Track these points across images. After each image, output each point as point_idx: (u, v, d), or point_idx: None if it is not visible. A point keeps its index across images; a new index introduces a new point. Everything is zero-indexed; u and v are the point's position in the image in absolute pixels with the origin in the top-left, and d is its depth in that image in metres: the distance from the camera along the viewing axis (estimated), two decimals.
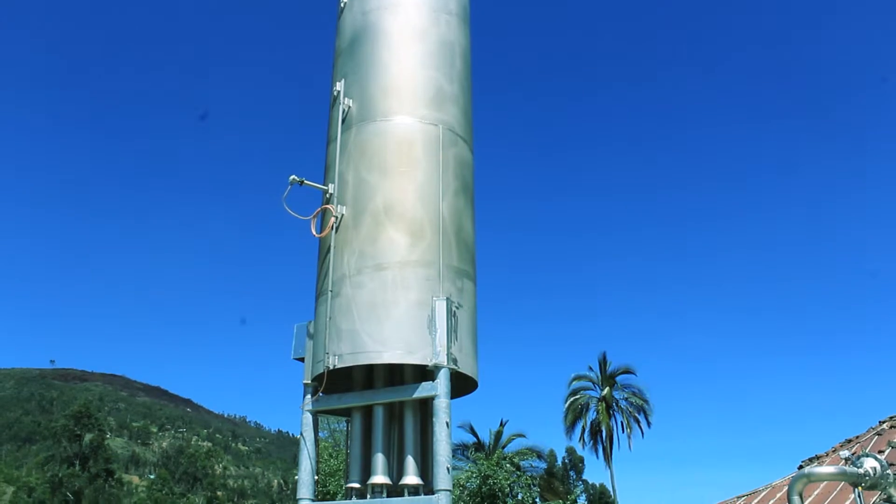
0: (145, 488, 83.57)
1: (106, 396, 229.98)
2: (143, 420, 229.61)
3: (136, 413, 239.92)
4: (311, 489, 7.25)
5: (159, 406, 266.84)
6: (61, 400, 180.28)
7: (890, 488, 12.86)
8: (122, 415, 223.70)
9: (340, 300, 7.18)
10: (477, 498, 30.45)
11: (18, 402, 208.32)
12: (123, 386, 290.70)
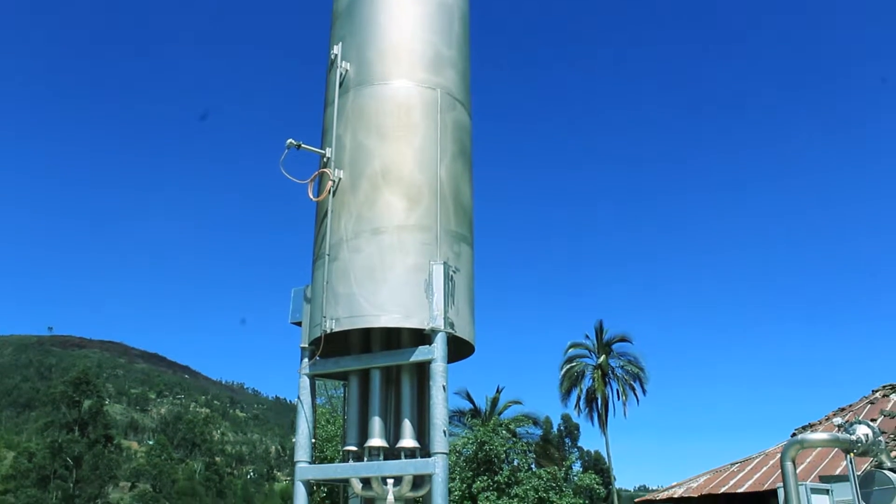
0: (144, 454, 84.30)
1: (104, 363, 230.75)
2: (141, 387, 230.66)
3: (135, 380, 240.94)
4: (308, 452, 7.30)
5: (157, 373, 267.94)
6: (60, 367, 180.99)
7: (881, 455, 12.99)
8: (120, 381, 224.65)
9: (338, 264, 7.17)
10: (473, 464, 30.69)
11: (17, 369, 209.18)
12: (121, 353, 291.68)
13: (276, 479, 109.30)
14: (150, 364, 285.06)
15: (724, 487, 28.80)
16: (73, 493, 58.93)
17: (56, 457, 58.78)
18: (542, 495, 29.27)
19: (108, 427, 67.07)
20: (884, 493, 12.21)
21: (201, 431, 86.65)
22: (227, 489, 70.09)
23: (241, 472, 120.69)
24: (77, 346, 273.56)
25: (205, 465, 73.93)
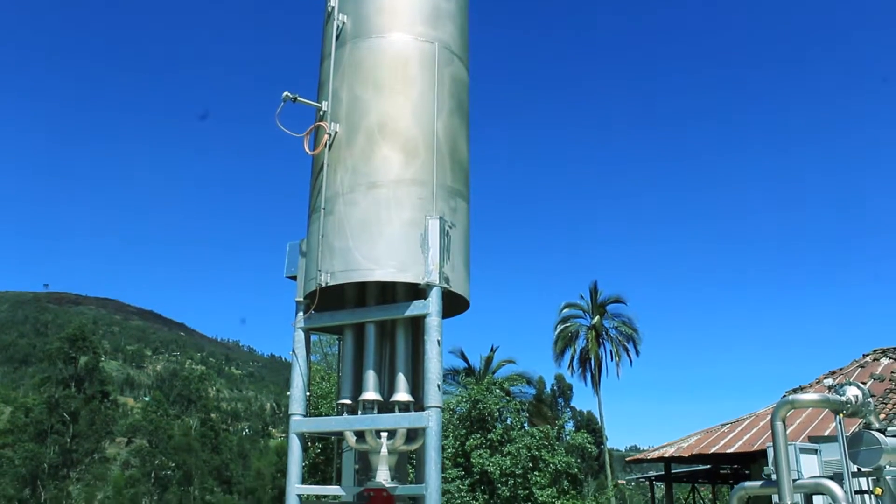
0: (140, 410, 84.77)
1: (100, 320, 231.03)
2: (137, 344, 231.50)
3: (130, 337, 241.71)
4: (303, 405, 7.33)
5: (153, 330, 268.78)
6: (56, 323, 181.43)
7: (870, 416, 13.11)
8: (116, 338, 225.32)
9: (333, 218, 7.14)
10: (466, 422, 30.96)
11: (13, 325, 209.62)
12: (117, 310, 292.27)
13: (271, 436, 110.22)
14: (146, 321, 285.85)
15: (715, 447, 29.13)
16: (70, 448, 59.42)
17: (53, 412, 59.13)
18: (535, 453, 29.58)
19: (105, 383, 67.37)
20: (871, 453, 12.33)
21: (197, 388, 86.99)
22: (223, 445, 70.63)
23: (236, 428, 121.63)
24: (73, 303, 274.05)
25: (200, 421, 74.41)
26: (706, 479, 40.62)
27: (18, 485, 56.02)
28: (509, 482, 28.87)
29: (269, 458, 68.63)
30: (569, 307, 55.12)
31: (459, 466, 30.00)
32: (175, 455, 64.00)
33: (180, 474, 62.75)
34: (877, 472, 12.24)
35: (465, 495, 29.09)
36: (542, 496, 29.10)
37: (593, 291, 54.97)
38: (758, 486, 13.62)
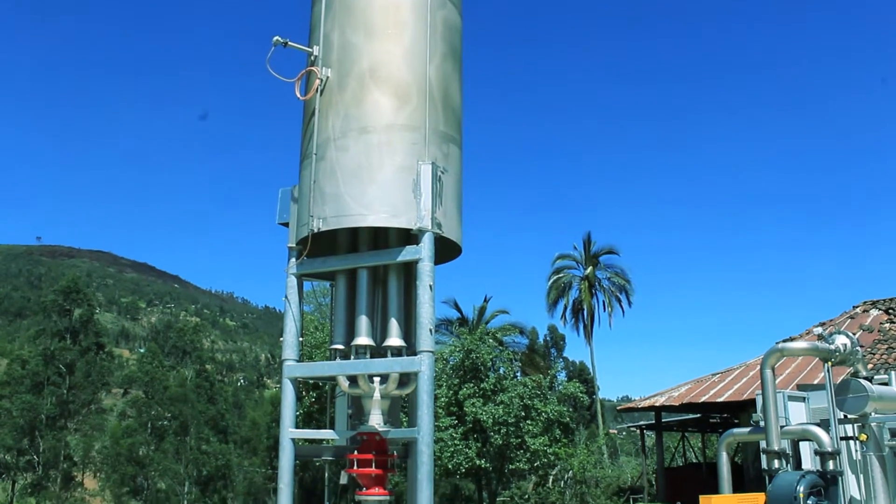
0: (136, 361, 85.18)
1: (94, 272, 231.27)
2: (131, 296, 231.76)
3: (125, 289, 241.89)
4: (296, 351, 7.38)
5: (147, 282, 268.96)
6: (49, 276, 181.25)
7: (858, 364, 13.28)
8: (110, 290, 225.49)
9: (325, 164, 7.11)
10: (459, 371, 31.21)
11: (7, 278, 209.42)
12: (111, 262, 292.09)
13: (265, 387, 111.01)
14: (140, 273, 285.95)
15: (705, 397, 29.50)
16: (67, 399, 59.79)
17: (49, 364, 59.33)
18: (527, 403, 29.89)
19: (100, 335, 67.50)
20: (857, 400, 12.51)
21: (191, 339, 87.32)
22: (218, 395, 71.01)
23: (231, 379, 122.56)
24: (66, 256, 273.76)
25: (195, 372, 74.80)
26: (696, 428, 41.21)
27: (17, 435, 56.47)
28: (502, 431, 29.22)
29: (264, 408, 69.17)
30: (562, 258, 55.30)
31: (452, 415, 30.32)
32: (171, 405, 64.42)
33: (176, 424, 63.20)
34: (862, 418, 12.44)
35: (458, 443, 29.45)
36: (534, 444, 29.49)
37: (587, 242, 55.12)
38: (746, 433, 13.86)
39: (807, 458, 13.03)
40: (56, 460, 56.82)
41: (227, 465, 62.13)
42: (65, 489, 56.67)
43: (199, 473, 61.51)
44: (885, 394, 12.88)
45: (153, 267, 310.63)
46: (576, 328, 54.93)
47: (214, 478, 61.71)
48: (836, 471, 11.61)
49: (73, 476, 60.21)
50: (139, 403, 66.04)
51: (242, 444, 67.61)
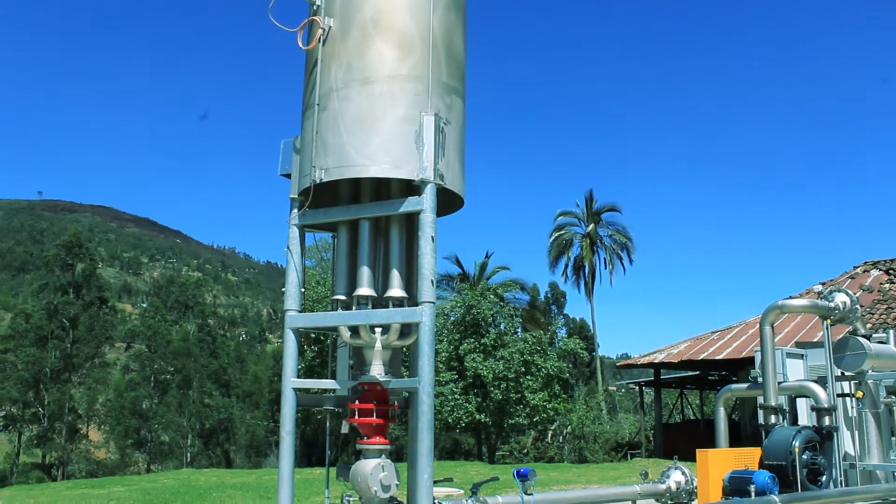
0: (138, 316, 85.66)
1: (95, 227, 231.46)
2: (133, 251, 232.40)
3: (127, 244, 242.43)
4: (297, 301, 7.42)
5: (149, 237, 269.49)
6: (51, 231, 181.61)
7: (856, 322, 13.35)
8: (112, 245, 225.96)
9: (327, 114, 7.08)
10: (460, 327, 31.43)
11: (9, 233, 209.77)
12: (113, 217, 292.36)
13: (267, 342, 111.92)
14: (142, 228, 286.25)
15: (704, 354, 29.72)
16: (70, 353, 60.31)
17: (52, 318, 59.74)
18: (527, 358, 30.14)
19: (102, 290, 67.92)
20: (855, 357, 12.61)
21: (194, 294, 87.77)
22: (221, 350, 71.61)
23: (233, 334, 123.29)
24: (68, 211, 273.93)
25: (198, 326, 75.29)
26: (694, 386, 41.56)
27: (22, 388, 57.11)
28: (502, 386, 29.51)
29: (266, 362, 69.80)
30: (564, 215, 55.33)
31: (453, 370, 30.60)
32: (174, 360, 65.04)
33: (179, 378, 63.90)
34: (859, 376, 12.55)
35: (458, 398, 29.77)
36: (533, 399, 29.79)
37: (589, 199, 55.07)
38: (744, 389, 13.98)
39: (803, 415, 13.18)
40: (61, 413, 57.55)
41: (230, 419, 62.98)
42: (70, 441, 57.49)
43: (202, 426, 62.38)
44: (882, 352, 12.98)
45: (155, 222, 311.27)
46: (577, 285, 55.18)
47: (217, 431, 62.59)
48: (831, 427, 11.74)
49: (78, 428, 61.07)
50: (142, 357, 66.70)
51: (244, 398, 68.44)
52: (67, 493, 14.93)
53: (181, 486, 16.05)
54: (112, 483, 18.24)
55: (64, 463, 55.70)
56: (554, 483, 16.35)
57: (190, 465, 53.78)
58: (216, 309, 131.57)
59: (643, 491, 11.07)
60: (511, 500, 8.82)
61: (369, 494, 6.89)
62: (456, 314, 32.07)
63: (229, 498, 13.66)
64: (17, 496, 15.13)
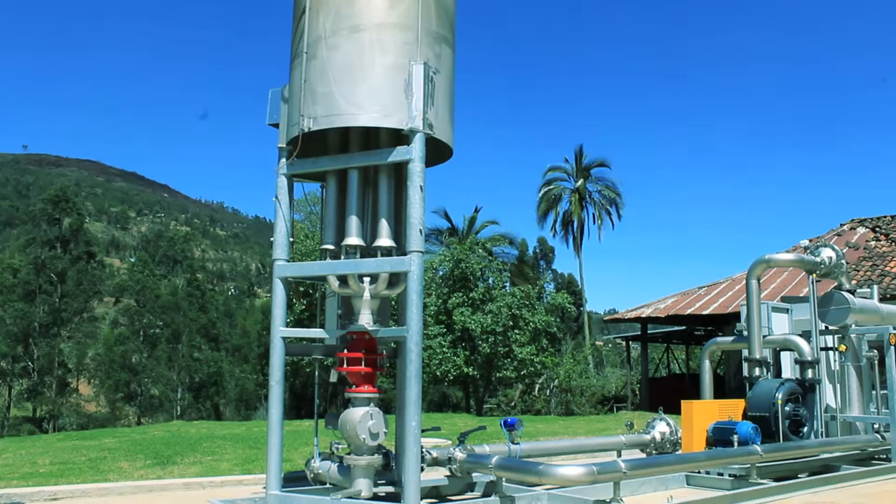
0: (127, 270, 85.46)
1: (82, 182, 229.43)
2: (120, 205, 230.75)
3: (114, 198, 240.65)
4: (286, 250, 7.42)
5: (136, 191, 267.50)
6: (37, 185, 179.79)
7: (841, 277, 13.47)
8: (99, 200, 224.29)
9: (315, 63, 7.02)
10: (449, 281, 31.47)
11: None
12: (99, 171, 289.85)
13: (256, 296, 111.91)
14: (129, 183, 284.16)
15: (691, 309, 29.94)
16: (59, 308, 60.17)
17: (40, 273, 59.46)
18: (515, 312, 30.25)
19: (90, 244, 67.51)
20: (839, 312, 12.75)
21: (182, 249, 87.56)
22: (210, 304, 71.65)
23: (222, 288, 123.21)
24: (53, 165, 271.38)
25: (186, 281, 75.22)
26: (681, 341, 41.95)
27: (11, 342, 57.04)
28: (490, 339, 29.67)
29: (255, 316, 69.91)
30: (553, 170, 55.15)
31: (441, 324, 30.72)
32: (163, 314, 65.04)
33: (168, 332, 63.98)
34: (843, 330, 12.70)
35: (446, 351, 29.94)
36: (521, 353, 29.99)
37: (578, 155, 54.89)
38: (729, 342, 14.12)
39: (787, 368, 13.36)
40: (51, 367, 57.58)
41: (219, 372, 63.20)
42: (60, 395, 57.62)
43: (192, 380, 62.65)
44: (866, 306, 13.13)
45: (142, 176, 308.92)
46: (565, 240, 55.23)
47: (206, 384, 62.87)
48: (814, 379, 11.92)
49: (68, 382, 61.20)
50: (131, 312, 66.59)
51: (234, 352, 68.65)
52: (59, 445, 15.03)
53: (171, 437, 16.18)
54: (103, 435, 18.37)
55: (55, 416, 55.91)
56: (541, 434, 16.56)
57: (180, 417, 54.11)
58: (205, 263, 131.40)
59: (628, 441, 11.26)
60: (498, 450, 8.95)
61: (358, 442, 6.97)
62: (444, 268, 32.10)
63: (219, 448, 13.79)
64: (9, 447, 15.24)
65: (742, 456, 9.71)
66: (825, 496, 9.17)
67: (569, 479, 7.74)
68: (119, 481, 9.92)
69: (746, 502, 8.56)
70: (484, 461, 8.29)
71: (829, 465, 11.25)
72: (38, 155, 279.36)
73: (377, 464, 7.16)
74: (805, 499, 8.98)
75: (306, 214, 35.00)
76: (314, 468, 7.65)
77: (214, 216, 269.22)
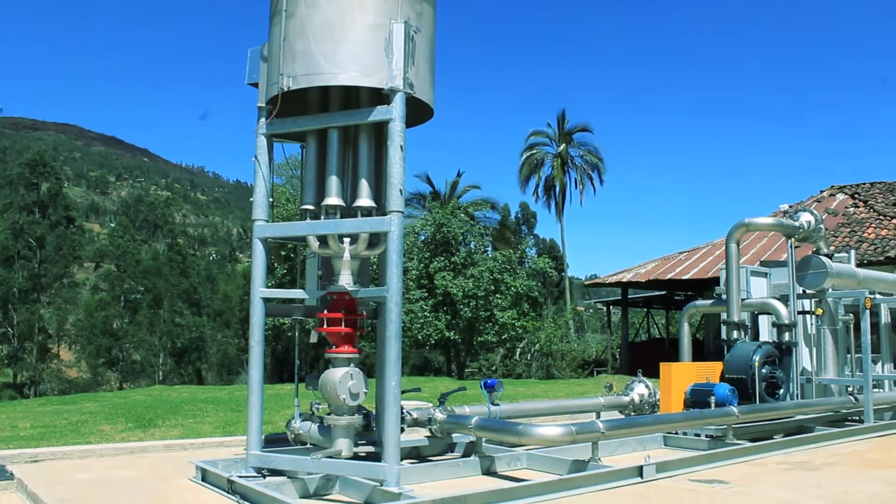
0: (107, 235, 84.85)
1: (60, 146, 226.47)
2: (99, 170, 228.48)
3: (93, 163, 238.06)
4: (266, 211, 7.38)
5: (116, 156, 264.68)
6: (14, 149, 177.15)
7: (820, 241, 13.59)
8: (78, 164, 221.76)
9: (295, 21, 6.92)
10: (431, 245, 31.48)
11: None
12: (78, 135, 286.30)
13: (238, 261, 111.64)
14: (108, 147, 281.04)
15: (671, 274, 30.14)
16: (38, 273, 59.75)
17: (18, 238, 58.91)
18: (497, 277, 30.36)
19: (69, 209, 66.87)
20: (816, 276, 12.87)
21: (163, 213, 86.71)
22: (191, 269, 71.29)
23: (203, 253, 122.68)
24: (30, 129, 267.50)
25: (167, 246, 74.81)
26: (661, 305, 42.29)
27: None
28: (471, 304, 29.79)
29: (237, 281, 69.70)
30: (535, 135, 55.05)
31: (423, 288, 30.79)
32: (144, 279, 64.68)
33: (150, 297, 63.67)
34: (820, 294, 12.84)
35: (428, 315, 30.04)
36: (502, 317, 30.15)
37: (561, 119, 54.76)
38: (708, 305, 14.25)
39: (764, 331, 13.51)
40: (31, 333, 57.24)
41: (201, 338, 63.09)
42: (41, 360, 57.37)
43: (174, 345, 62.49)
44: (843, 271, 13.26)
45: (121, 140, 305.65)
46: (547, 205, 55.33)
47: (188, 349, 62.77)
48: (791, 342, 12.06)
49: (49, 348, 60.88)
50: (112, 277, 66.20)
51: (215, 317, 68.48)
52: (40, 409, 15.00)
53: (153, 401, 16.18)
54: (84, 399, 18.33)
55: (36, 382, 55.72)
56: (521, 397, 16.69)
57: (162, 383, 54.07)
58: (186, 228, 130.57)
59: (607, 402, 11.38)
60: (478, 411, 9.02)
61: (338, 402, 7.00)
62: (426, 232, 32.08)
63: (200, 411, 13.82)
64: None
65: (719, 417, 9.84)
66: (799, 456, 9.33)
67: (548, 440, 7.83)
68: (100, 443, 9.92)
69: (722, 462, 8.68)
70: (464, 422, 8.37)
71: (804, 426, 11.44)
72: (13, 118, 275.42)
73: (357, 424, 7.20)
74: (779, 458, 9.12)
75: (287, 178, 34.82)
76: (294, 429, 7.68)
77: (195, 181, 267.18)
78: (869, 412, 11.83)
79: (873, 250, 25.90)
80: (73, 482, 7.55)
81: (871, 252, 25.77)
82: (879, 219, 28.30)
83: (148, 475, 7.99)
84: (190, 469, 7.76)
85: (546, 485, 6.98)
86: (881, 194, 31.93)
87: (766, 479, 7.86)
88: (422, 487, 7.08)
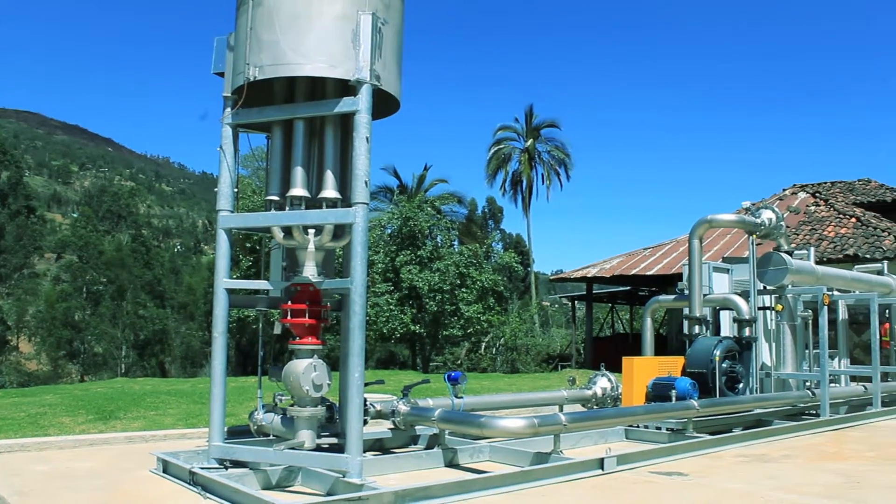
0: (69, 226, 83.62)
1: (21, 134, 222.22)
2: (62, 159, 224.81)
3: (55, 152, 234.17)
4: (230, 202, 7.34)
5: (79, 145, 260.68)
6: None
7: (780, 238, 13.80)
8: (39, 153, 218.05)
9: (262, 10, 6.89)
10: (397, 239, 31.46)
11: None
12: (39, 124, 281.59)
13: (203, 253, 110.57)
14: (71, 136, 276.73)
15: (636, 270, 30.44)
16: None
17: None
18: (463, 271, 30.42)
19: (30, 198, 65.84)
20: (777, 272, 13.07)
21: (127, 204, 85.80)
22: (155, 261, 70.53)
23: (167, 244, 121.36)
24: None
25: (131, 237, 73.87)
26: (625, 301, 42.68)
27: None
28: (437, 298, 29.83)
29: (202, 273, 69.05)
30: (503, 129, 55.13)
31: (389, 282, 30.77)
32: (107, 270, 63.84)
33: (112, 289, 62.86)
34: (780, 290, 13.04)
35: (393, 309, 30.03)
36: (468, 311, 30.23)
37: (528, 115, 54.93)
38: (671, 300, 14.43)
39: (726, 326, 13.71)
40: None
41: (164, 330, 62.43)
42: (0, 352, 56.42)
43: (136, 337, 61.74)
44: (802, 267, 13.48)
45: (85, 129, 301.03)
46: (514, 200, 55.49)
47: (151, 342, 62.04)
48: (751, 337, 12.25)
49: (8, 340, 59.87)
50: (73, 268, 65.25)
51: (179, 310, 67.82)
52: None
53: (115, 394, 16.02)
54: (44, 392, 18.09)
55: None
56: (486, 391, 16.77)
57: (124, 375, 53.44)
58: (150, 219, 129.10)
59: (570, 396, 11.47)
60: (441, 403, 9.05)
61: (301, 393, 6.99)
62: (393, 226, 32.04)
63: (163, 403, 13.71)
64: None
65: (679, 410, 9.97)
66: (757, 449, 9.49)
67: (510, 432, 7.87)
68: (60, 436, 9.81)
69: (682, 455, 8.80)
70: (427, 414, 8.39)
71: (763, 419, 11.63)
72: None
73: (320, 415, 7.20)
74: (738, 451, 9.27)
75: (253, 170, 34.59)
76: (257, 420, 7.66)
77: (160, 171, 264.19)
78: (825, 406, 12.05)
79: (833, 248, 26.37)
80: (32, 474, 7.46)
81: (831, 250, 26.23)
82: (839, 217, 28.80)
83: (108, 467, 7.92)
84: (151, 461, 7.70)
85: (507, 476, 7.03)
86: (841, 193, 32.52)
87: (724, 471, 7.99)
88: (385, 479, 7.10)
